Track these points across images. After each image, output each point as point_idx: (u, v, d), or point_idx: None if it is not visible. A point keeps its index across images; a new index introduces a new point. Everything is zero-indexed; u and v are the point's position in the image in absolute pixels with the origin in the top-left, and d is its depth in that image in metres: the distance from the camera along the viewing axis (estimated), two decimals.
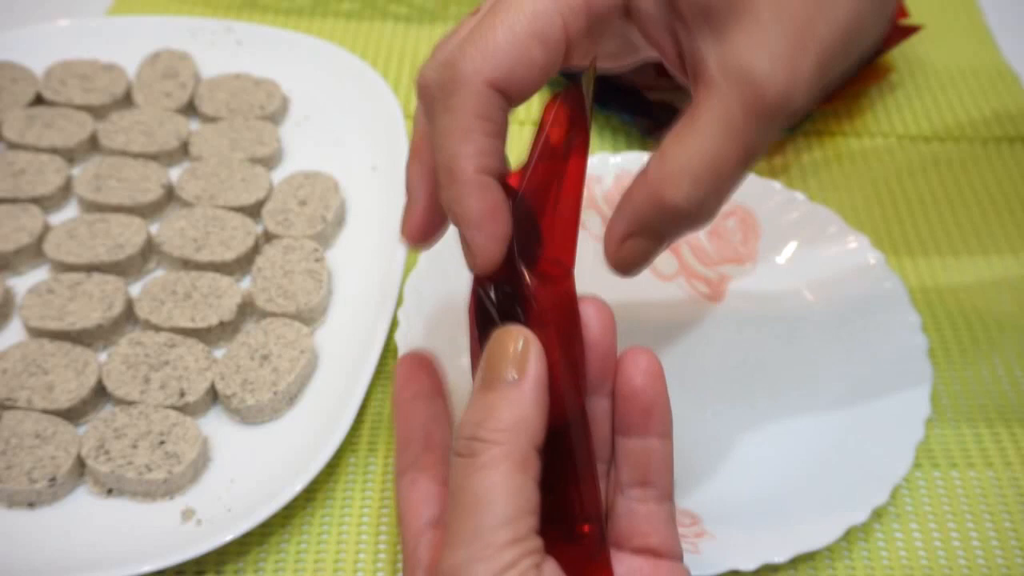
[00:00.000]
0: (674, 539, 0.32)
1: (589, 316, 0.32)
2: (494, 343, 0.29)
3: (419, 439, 0.34)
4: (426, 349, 0.36)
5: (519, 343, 0.29)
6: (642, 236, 0.30)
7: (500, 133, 0.30)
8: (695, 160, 0.29)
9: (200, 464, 0.42)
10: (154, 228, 0.51)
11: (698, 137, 0.29)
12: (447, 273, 0.48)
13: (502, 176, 0.31)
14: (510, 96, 0.30)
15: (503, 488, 0.27)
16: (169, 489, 0.41)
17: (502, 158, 0.31)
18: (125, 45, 0.61)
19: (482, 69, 0.29)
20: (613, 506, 0.32)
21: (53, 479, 0.41)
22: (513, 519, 0.27)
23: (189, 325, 0.46)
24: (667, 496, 0.32)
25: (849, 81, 0.61)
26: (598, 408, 0.32)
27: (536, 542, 0.28)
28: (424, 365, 0.35)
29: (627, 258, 0.31)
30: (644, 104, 0.58)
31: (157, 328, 0.46)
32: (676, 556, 0.32)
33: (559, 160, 0.31)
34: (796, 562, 0.40)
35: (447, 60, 0.30)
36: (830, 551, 0.41)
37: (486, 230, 0.30)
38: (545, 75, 0.30)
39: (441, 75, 0.30)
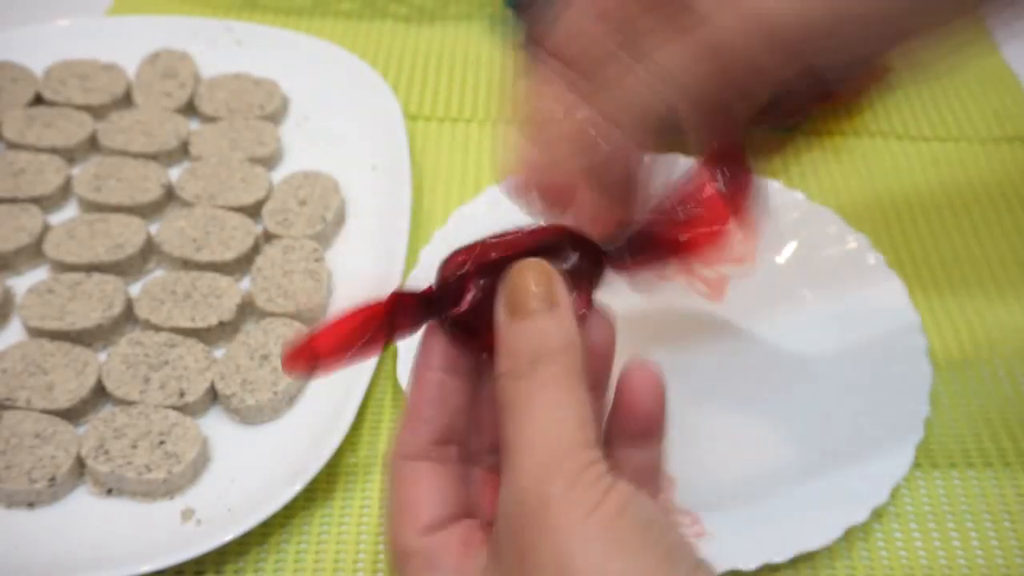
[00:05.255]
0: None
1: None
2: (517, 276, 0.28)
3: (441, 422, 0.29)
4: None
5: (541, 274, 0.28)
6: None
7: None
8: None
9: (200, 464, 0.42)
10: (154, 228, 0.51)
11: None
12: None
13: None
14: None
15: (571, 399, 0.26)
16: (169, 489, 0.41)
17: None
18: (125, 45, 0.61)
19: None
20: None
21: (53, 479, 0.41)
22: (584, 424, 0.26)
23: (189, 325, 0.46)
24: (656, 495, 0.32)
25: (848, 81, 0.61)
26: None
27: (600, 447, 0.26)
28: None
29: None
30: None
31: (157, 328, 0.46)
32: None
33: None
34: (796, 562, 0.40)
35: None
36: (830, 551, 0.41)
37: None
38: None
39: None
